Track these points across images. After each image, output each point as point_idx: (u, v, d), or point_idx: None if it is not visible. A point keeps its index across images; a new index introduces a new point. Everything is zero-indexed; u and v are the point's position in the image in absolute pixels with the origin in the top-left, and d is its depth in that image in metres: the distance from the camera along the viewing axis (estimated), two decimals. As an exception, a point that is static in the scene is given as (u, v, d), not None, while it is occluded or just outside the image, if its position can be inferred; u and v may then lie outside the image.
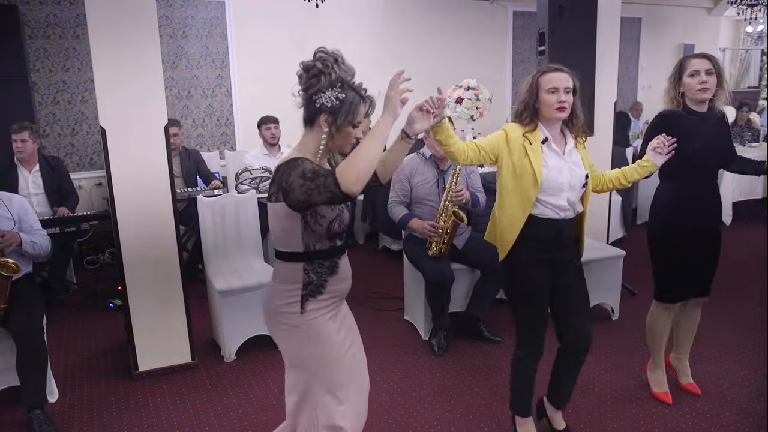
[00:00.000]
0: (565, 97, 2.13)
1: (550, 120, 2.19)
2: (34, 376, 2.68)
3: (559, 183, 2.17)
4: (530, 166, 2.14)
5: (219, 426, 2.71)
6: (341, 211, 1.77)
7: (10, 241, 2.81)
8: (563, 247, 2.27)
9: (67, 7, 5.31)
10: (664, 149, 2.30)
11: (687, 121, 2.44)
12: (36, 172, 4.31)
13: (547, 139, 2.19)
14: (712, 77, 2.43)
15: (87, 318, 4.02)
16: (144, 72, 2.89)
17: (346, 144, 1.76)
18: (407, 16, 6.72)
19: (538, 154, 2.16)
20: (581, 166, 2.23)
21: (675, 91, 2.51)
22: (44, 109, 5.37)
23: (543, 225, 2.20)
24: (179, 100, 5.85)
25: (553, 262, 2.25)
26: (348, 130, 1.73)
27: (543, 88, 2.16)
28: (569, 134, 2.25)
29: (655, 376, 2.86)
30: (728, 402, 2.80)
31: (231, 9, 5.92)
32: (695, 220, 2.53)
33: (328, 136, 1.72)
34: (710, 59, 2.46)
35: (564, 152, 2.22)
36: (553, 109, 2.14)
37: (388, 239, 5.40)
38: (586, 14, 3.91)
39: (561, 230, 2.23)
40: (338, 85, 1.70)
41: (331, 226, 1.73)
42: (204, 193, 4.35)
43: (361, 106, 1.73)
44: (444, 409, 2.81)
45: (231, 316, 3.27)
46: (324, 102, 1.69)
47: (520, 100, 2.24)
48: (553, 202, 2.18)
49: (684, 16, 8.53)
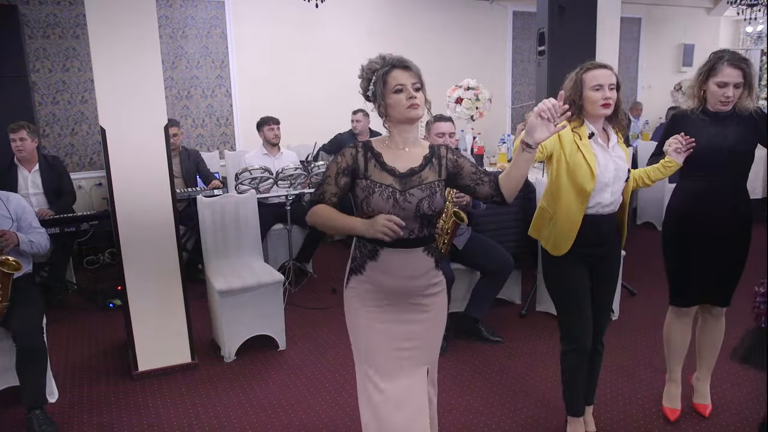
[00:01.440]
0: (610, 94, 2.14)
1: (595, 116, 2.21)
2: (33, 376, 2.67)
3: (606, 177, 2.20)
4: (584, 161, 2.17)
5: (219, 426, 2.71)
6: (369, 194, 1.79)
7: (9, 240, 2.81)
8: (603, 242, 2.30)
9: (67, 7, 5.31)
10: (682, 148, 2.32)
11: (697, 121, 2.41)
12: (35, 172, 4.31)
13: (593, 133, 2.21)
14: (738, 90, 2.34)
15: (87, 318, 4.02)
16: (144, 72, 2.89)
17: (402, 110, 1.79)
18: (407, 17, 6.72)
19: (589, 149, 2.20)
20: (624, 160, 2.26)
21: (699, 89, 2.42)
22: (44, 109, 5.37)
23: (588, 221, 2.23)
24: (179, 100, 5.85)
25: (593, 257, 2.29)
26: (393, 98, 1.78)
27: (587, 85, 2.17)
28: (611, 130, 2.27)
29: (668, 390, 2.74)
30: (728, 402, 2.80)
31: (231, 9, 5.92)
32: (709, 221, 2.45)
33: (384, 117, 1.83)
34: (743, 69, 2.33)
35: (609, 147, 2.24)
36: (599, 105, 2.15)
37: (388, 239, 5.38)
38: (586, 14, 3.92)
39: (600, 225, 2.26)
40: (369, 74, 1.82)
41: (362, 206, 1.81)
42: (204, 193, 4.35)
43: (393, 71, 1.79)
44: (444, 409, 2.81)
45: (231, 316, 3.27)
46: (369, 94, 1.84)
47: (564, 97, 2.18)
48: (598, 197, 2.22)
49: (684, 16, 8.53)
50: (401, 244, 1.80)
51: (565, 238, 2.25)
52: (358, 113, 5.63)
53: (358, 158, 1.83)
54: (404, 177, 1.82)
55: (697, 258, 2.50)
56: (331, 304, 4.16)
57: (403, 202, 1.78)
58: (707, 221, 2.46)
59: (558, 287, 2.37)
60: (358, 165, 1.82)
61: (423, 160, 1.86)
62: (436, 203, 1.83)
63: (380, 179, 1.80)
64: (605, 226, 2.28)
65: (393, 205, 1.77)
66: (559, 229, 2.27)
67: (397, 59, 1.82)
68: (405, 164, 1.84)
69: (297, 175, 4.22)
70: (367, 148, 1.85)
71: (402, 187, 1.80)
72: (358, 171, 1.82)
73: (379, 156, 1.84)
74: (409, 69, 1.82)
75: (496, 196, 1.89)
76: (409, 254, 1.83)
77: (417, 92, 1.79)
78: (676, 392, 2.71)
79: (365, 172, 1.82)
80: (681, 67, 8.57)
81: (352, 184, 1.84)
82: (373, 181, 1.80)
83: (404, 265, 1.83)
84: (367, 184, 1.80)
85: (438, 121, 3.45)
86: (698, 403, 2.73)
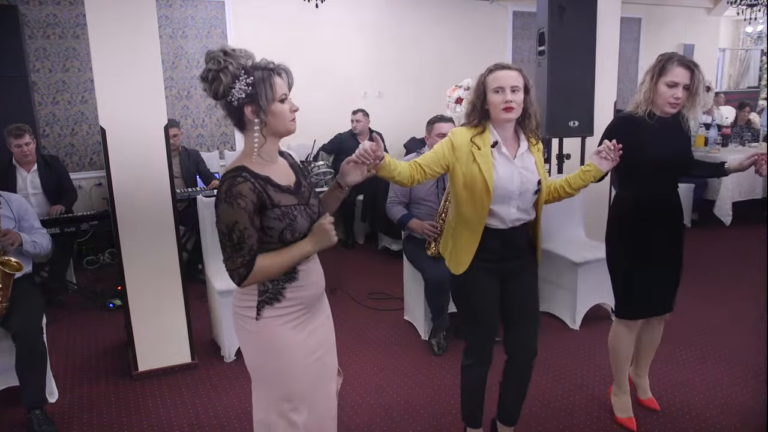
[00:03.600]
0: (512, 97, 1.98)
1: (500, 121, 2.05)
2: (33, 376, 2.68)
3: (509, 191, 2.05)
4: (480, 172, 2.02)
5: (219, 426, 2.71)
6: (292, 220, 1.63)
7: (12, 240, 2.82)
8: (514, 256, 2.15)
9: (67, 7, 5.31)
10: (610, 154, 2.14)
11: (647, 126, 2.31)
12: (34, 172, 4.31)
13: (496, 142, 2.05)
14: (686, 92, 2.27)
15: (87, 318, 4.02)
16: (144, 72, 2.89)
17: (285, 122, 1.64)
18: (407, 16, 6.72)
19: (488, 159, 2.03)
20: (533, 171, 2.10)
21: (650, 91, 2.33)
22: (44, 109, 5.37)
23: (490, 235, 2.09)
24: (179, 100, 5.85)
25: (503, 272, 2.15)
26: (277, 108, 1.62)
27: (489, 87, 2.03)
28: (523, 136, 2.11)
29: (619, 401, 2.67)
30: (728, 402, 2.80)
31: (231, 9, 5.92)
32: (655, 231, 2.39)
33: (261, 125, 1.62)
34: (693, 71, 2.26)
35: (515, 156, 2.08)
36: (500, 109, 2.00)
37: (388, 239, 5.40)
38: (586, 14, 3.91)
39: (509, 240, 2.12)
40: (242, 72, 1.58)
41: (283, 236, 1.64)
42: (204, 193, 4.35)
43: (275, 77, 1.61)
44: (444, 409, 2.81)
45: (231, 316, 3.26)
46: (239, 95, 1.59)
47: (469, 101, 2.11)
48: (501, 211, 2.07)
49: (684, 16, 8.53)
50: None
51: (465, 253, 2.10)
52: (358, 113, 5.63)
53: (257, 190, 1.59)
54: (297, 192, 1.70)
55: (643, 270, 2.42)
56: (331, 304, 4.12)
57: (312, 215, 1.71)
58: (650, 229, 2.39)
59: (463, 301, 2.22)
60: (262, 198, 1.61)
61: (291, 169, 1.77)
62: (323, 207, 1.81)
63: (289, 201, 1.65)
64: (514, 240, 2.13)
65: (309, 222, 1.69)
66: (461, 245, 2.12)
67: (275, 63, 1.64)
68: (287, 179, 1.71)
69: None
70: (255, 177, 1.61)
71: (304, 202, 1.70)
72: (265, 203, 1.61)
73: (268, 179, 1.64)
74: (288, 77, 1.66)
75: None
76: (316, 259, 1.80)
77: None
78: (628, 401, 2.66)
79: (272, 201, 1.62)
80: (681, 67, 8.55)
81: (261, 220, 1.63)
82: (286, 206, 1.64)
83: (317, 271, 1.80)
84: (282, 211, 1.62)
85: (438, 122, 3.46)
86: (645, 399, 2.75)
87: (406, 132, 6.38)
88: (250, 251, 1.60)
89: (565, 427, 2.64)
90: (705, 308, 3.87)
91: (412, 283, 3.64)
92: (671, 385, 2.96)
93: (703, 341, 3.43)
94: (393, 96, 6.65)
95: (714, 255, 5.08)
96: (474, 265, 2.11)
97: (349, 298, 4.28)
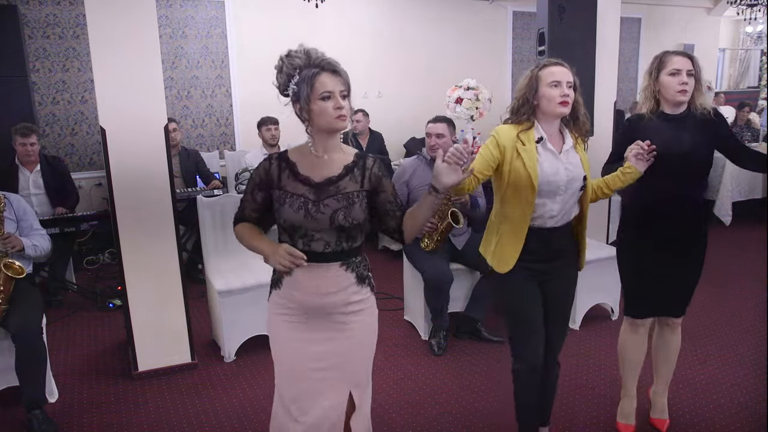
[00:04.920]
0: (568, 91, 2.01)
1: (550, 116, 2.06)
2: (33, 376, 2.67)
3: (556, 185, 2.04)
4: (524, 167, 2.02)
5: (219, 426, 2.71)
6: (281, 205, 1.72)
7: (14, 244, 2.82)
8: (553, 257, 2.14)
9: (67, 7, 5.31)
10: (644, 155, 2.17)
11: (654, 125, 2.28)
12: (37, 172, 4.32)
13: (542, 138, 2.05)
14: (692, 79, 2.23)
15: (87, 318, 4.02)
16: (144, 72, 2.89)
17: (329, 120, 1.66)
18: (407, 16, 6.72)
19: (533, 154, 2.03)
20: (579, 167, 2.09)
21: (653, 89, 2.30)
22: (44, 109, 5.37)
23: (534, 235, 2.08)
24: (179, 100, 5.85)
25: (543, 272, 2.14)
26: (319, 105, 1.64)
27: (544, 82, 2.02)
28: (568, 134, 2.12)
29: (622, 406, 2.62)
30: (728, 402, 2.80)
31: (231, 9, 5.92)
32: (663, 229, 2.33)
33: (307, 122, 1.70)
34: (692, 59, 2.25)
35: (561, 151, 2.08)
36: (556, 103, 2.00)
37: (388, 239, 5.39)
38: (586, 14, 3.91)
39: (553, 240, 2.11)
40: (295, 72, 1.67)
41: (276, 217, 1.77)
42: (204, 193, 4.35)
43: (321, 75, 1.64)
44: (444, 409, 2.81)
45: (231, 316, 3.27)
46: (290, 93, 1.70)
47: (517, 96, 2.09)
48: (546, 206, 2.06)
49: (684, 16, 8.53)
50: (315, 258, 1.70)
51: (510, 252, 2.09)
52: (358, 113, 5.63)
53: (271, 170, 1.75)
54: (319, 186, 1.72)
55: (652, 268, 2.37)
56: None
57: (315, 212, 1.69)
58: (661, 230, 2.34)
59: (507, 304, 2.21)
60: (271, 177, 1.74)
61: (343, 170, 1.75)
62: (354, 214, 1.71)
63: (293, 189, 1.72)
64: (556, 241, 2.11)
65: (305, 215, 1.68)
66: (505, 243, 2.11)
67: (327, 61, 1.66)
68: (322, 173, 1.73)
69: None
70: (282, 159, 1.76)
71: (316, 197, 1.70)
72: (272, 182, 1.74)
73: (293, 166, 1.74)
74: (339, 75, 1.67)
75: (396, 233, 1.81)
76: (324, 269, 1.72)
77: (344, 100, 1.66)
78: (631, 408, 2.60)
79: (278, 183, 1.74)
80: (681, 67, 8.55)
81: (270, 197, 1.77)
82: (285, 191, 1.72)
83: (317, 281, 1.73)
84: (279, 194, 1.73)
85: (431, 122, 3.51)
86: (655, 419, 2.63)
87: (406, 132, 6.38)
88: (242, 211, 1.83)
89: (566, 427, 2.64)
90: (705, 308, 3.87)
91: (412, 283, 3.64)
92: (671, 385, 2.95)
93: (703, 341, 3.43)
94: (393, 96, 6.65)
95: (714, 255, 5.07)
96: (519, 265, 2.10)
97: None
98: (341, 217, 1.69)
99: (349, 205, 1.71)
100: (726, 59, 10.10)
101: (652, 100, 2.31)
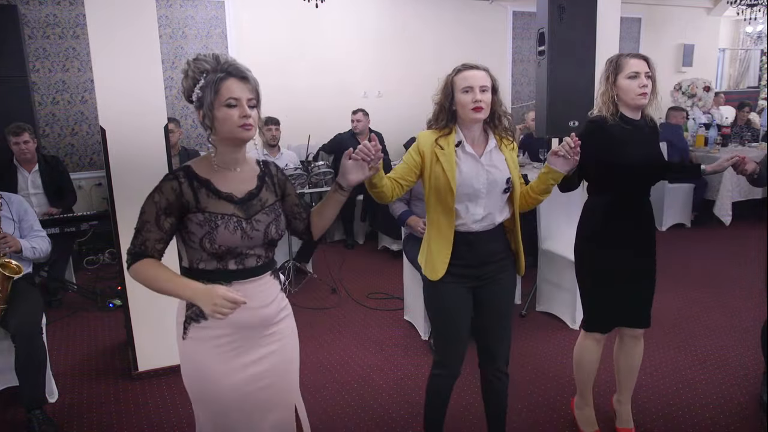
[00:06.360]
0: (481, 96, 1.96)
1: (468, 122, 2.01)
2: (33, 376, 2.67)
3: (475, 189, 1.99)
4: (443, 172, 1.98)
5: (219, 426, 2.71)
6: (212, 228, 1.53)
7: (11, 244, 2.82)
8: (485, 262, 2.07)
9: (67, 7, 5.32)
10: (569, 152, 1.96)
11: (619, 130, 2.22)
12: (35, 172, 4.32)
13: (460, 142, 2.02)
14: (650, 81, 2.19)
15: (87, 318, 4.02)
16: (144, 72, 2.89)
17: (232, 129, 1.53)
18: (406, 16, 6.72)
19: (451, 158, 1.99)
20: (503, 168, 2.03)
21: (610, 93, 2.24)
22: (44, 110, 5.37)
23: (462, 240, 2.03)
24: (179, 100, 5.84)
25: (476, 278, 2.08)
26: (223, 112, 1.52)
27: (458, 87, 1.99)
28: (493, 135, 2.07)
29: (583, 415, 2.58)
30: (728, 402, 2.80)
31: (231, 9, 5.92)
32: (627, 239, 2.28)
33: (209, 130, 1.56)
34: (648, 61, 2.21)
35: (482, 154, 2.03)
36: (469, 109, 1.97)
37: (388, 239, 5.40)
38: (586, 14, 3.91)
39: (482, 244, 2.05)
40: (200, 76, 1.53)
41: (203, 244, 1.54)
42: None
43: (227, 81, 1.51)
44: (444, 409, 2.81)
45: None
46: (194, 99, 1.57)
47: (435, 102, 2.07)
48: (468, 211, 2.02)
49: (684, 16, 8.54)
50: (249, 275, 1.61)
51: (440, 258, 2.04)
52: (358, 113, 5.63)
53: (183, 191, 1.54)
54: (244, 202, 1.60)
55: (611, 278, 2.31)
56: (331, 304, 4.17)
57: (251, 231, 1.58)
58: (619, 239, 2.29)
59: (433, 308, 2.15)
60: (185, 199, 1.54)
61: (258, 181, 1.66)
62: (282, 225, 1.67)
63: (220, 209, 1.56)
64: (484, 245, 2.05)
65: (241, 236, 1.56)
66: (434, 249, 2.06)
67: (236, 67, 1.54)
68: (240, 188, 1.62)
69: (297, 175, 4.22)
70: (191, 176, 1.57)
71: (246, 215, 1.59)
72: (188, 205, 1.54)
73: (208, 183, 1.57)
74: (248, 82, 1.55)
75: (305, 234, 1.78)
76: (258, 283, 1.64)
77: (252, 110, 1.55)
78: (592, 415, 2.56)
79: (197, 204, 1.55)
80: (681, 67, 8.57)
81: (181, 222, 1.56)
82: (211, 213, 1.55)
83: (257, 295, 1.63)
84: (205, 217, 1.54)
85: None
86: (622, 428, 2.58)
87: (406, 132, 6.37)
88: (142, 244, 1.56)
89: (566, 427, 2.64)
90: (704, 308, 3.87)
91: (412, 283, 3.64)
92: (670, 385, 2.96)
93: (702, 341, 3.43)
94: (393, 96, 6.65)
95: (714, 255, 5.09)
96: (449, 272, 2.05)
97: (349, 298, 4.28)
98: (273, 231, 1.64)
99: (277, 216, 1.66)
100: (726, 59, 10.10)
101: (611, 105, 2.25)
